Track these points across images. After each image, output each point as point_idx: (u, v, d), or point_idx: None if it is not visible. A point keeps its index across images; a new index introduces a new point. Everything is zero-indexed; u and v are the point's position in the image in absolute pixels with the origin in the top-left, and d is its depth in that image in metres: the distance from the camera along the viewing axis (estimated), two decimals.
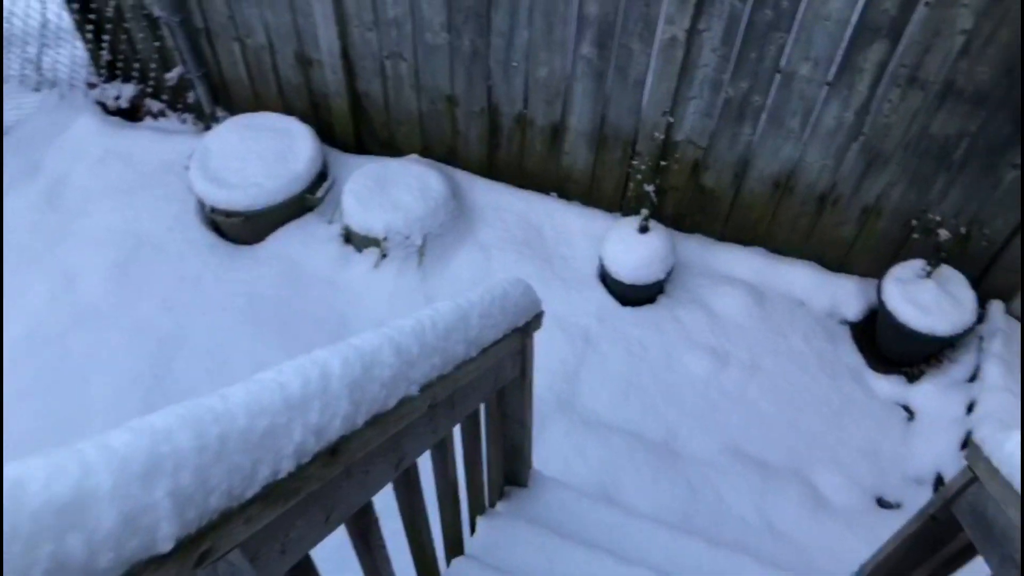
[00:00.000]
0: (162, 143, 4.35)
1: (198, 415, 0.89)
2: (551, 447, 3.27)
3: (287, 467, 1.01)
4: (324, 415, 1.08)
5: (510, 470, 2.76)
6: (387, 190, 3.80)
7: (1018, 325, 3.61)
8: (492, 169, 4.15)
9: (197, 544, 0.86)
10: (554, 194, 4.12)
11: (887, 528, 3.16)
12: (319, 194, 3.96)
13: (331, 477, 1.16)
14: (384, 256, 3.76)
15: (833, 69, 3.17)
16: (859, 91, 3.20)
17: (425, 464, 1.82)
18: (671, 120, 3.51)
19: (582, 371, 3.56)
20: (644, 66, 3.41)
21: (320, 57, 3.94)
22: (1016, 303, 3.60)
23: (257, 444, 0.94)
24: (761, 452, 3.40)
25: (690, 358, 3.64)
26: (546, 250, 3.93)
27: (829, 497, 3.29)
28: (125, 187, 4.17)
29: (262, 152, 3.88)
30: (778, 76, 3.27)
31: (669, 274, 3.71)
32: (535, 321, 2.17)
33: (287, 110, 4.26)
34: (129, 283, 3.79)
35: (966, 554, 2.07)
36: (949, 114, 3.15)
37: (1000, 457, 1.88)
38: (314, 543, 1.23)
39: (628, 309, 3.78)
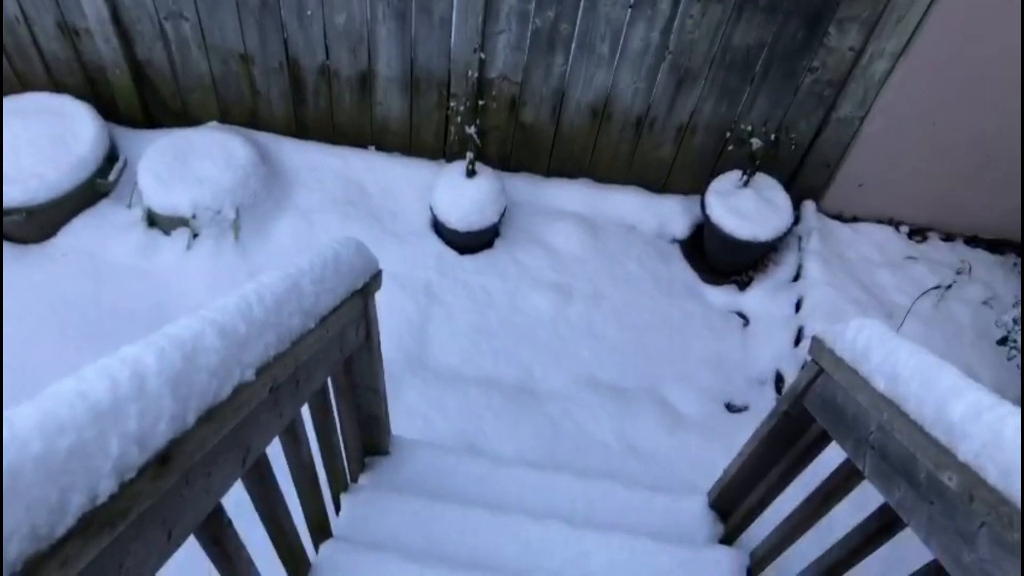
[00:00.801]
0: None
1: None
2: (408, 408, 3.16)
3: (107, 488, 0.83)
4: (145, 420, 0.91)
5: (369, 440, 2.63)
6: (188, 163, 3.47)
7: (830, 221, 3.83)
8: (301, 128, 3.89)
9: None
10: (372, 147, 3.93)
11: (739, 431, 3.31)
12: (111, 177, 3.56)
13: (166, 489, 0.99)
14: (196, 235, 3.45)
15: None
16: (662, 10, 3.22)
17: (274, 449, 1.67)
18: (483, 57, 3.41)
19: (429, 326, 3.45)
20: (448, 3, 3.27)
21: (88, 25, 3.51)
22: (828, 199, 3.82)
23: (62, 469, 0.77)
24: (614, 378, 3.44)
25: (535, 297, 3.61)
26: (372, 207, 3.75)
27: (682, 411, 3.39)
28: None
29: (35, 138, 3.42)
30: (583, 1, 3.23)
31: (502, 216, 3.65)
32: (374, 281, 2.03)
33: (58, 88, 3.78)
34: None
35: (819, 443, 2.16)
36: (747, 25, 3.23)
37: (842, 347, 1.95)
38: (158, 566, 1.06)
39: (467, 257, 3.69)
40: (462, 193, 3.52)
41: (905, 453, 1.57)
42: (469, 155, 3.50)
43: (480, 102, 3.53)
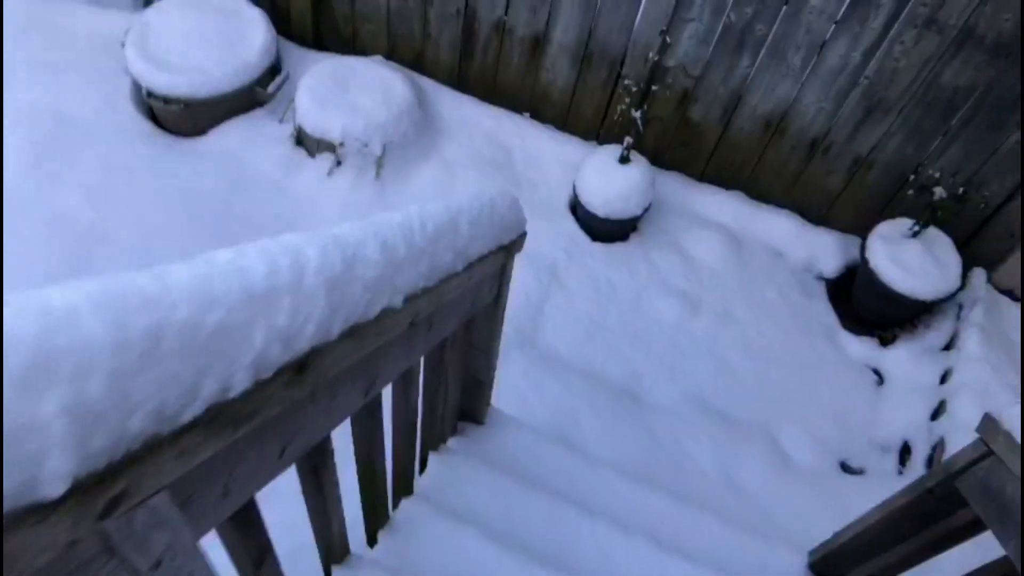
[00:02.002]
0: (95, 16, 3.85)
1: (120, 295, 0.59)
2: (508, 383, 3.02)
3: (242, 383, 0.72)
4: (296, 318, 0.79)
5: (467, 405, 2.51)
6: (347, 91, 3.43)
7: (1000, 296, 3.49)
8: (462, 80, 3.80)
9: (106, 486, 0.57)
10: (527, 114, 3.80)
11: (850, 494, 3.04)
12: (271, 89, 3.56)
13: (295, 400, 0.88)
14: (339, 163, 3.41)
15: (847, 2, 2.92)
16: (872, 29, 2.96)
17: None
18: (668, 41, 3.22)
19: (546, 307, 3.31)
20: None
21: None
22: (1002, 272, 3.48)
23: (204, 347, 0.65)
24: (727, 405, 3.22)
25: (660, 302, 3.42)
26: (515, 173, 3.63)
27: (793, 457, 3.14)
28: (51, 62, 3.68)
29: (209, 35, 3.45)
30: (786, 5, 3.01)
31: (646, 211, 3.47)
32: (519, 241, 1.90)
33: None
34: (48, 169, 3.36)
35: (968, 531, 1.91)
36: (963, 64, 2.94)
37: (1017, 432, 1.71)
38: (264, 483, 0.95)
39: (599, 245, 3.52)
40: (611, 178, 3.35)
41: None
42: (628, 140, 3.33)
43: (653, 87, 3.34)
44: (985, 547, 1.82)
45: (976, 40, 2.86)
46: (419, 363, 1.65)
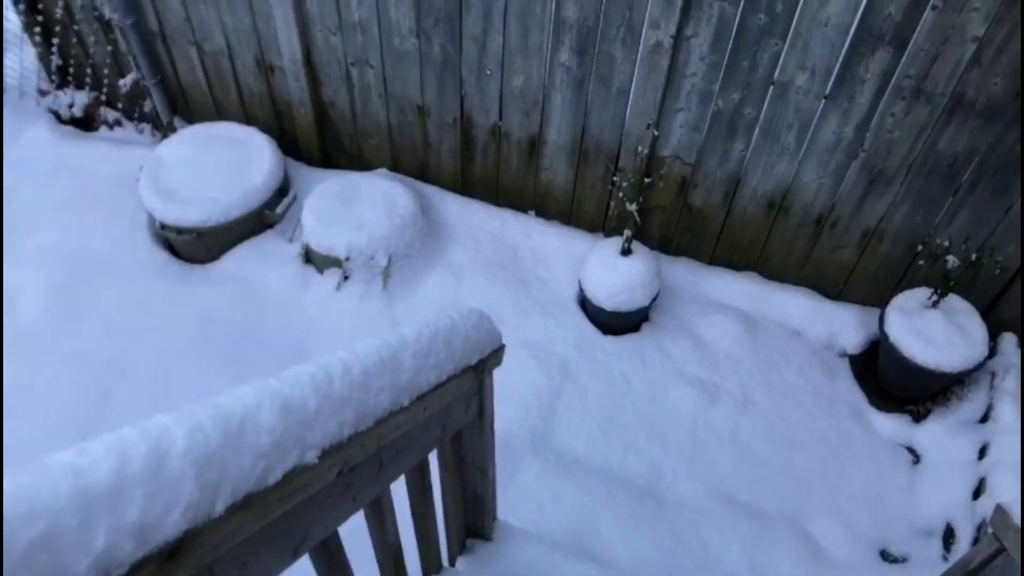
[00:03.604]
0: (116, 155, 4.06)
1: None
2: (523, 489, 2.97)
3: None
4: (152, 508, 0.79)
5: (472, 521, 2.46)
6: (351, 206, 3.52)
7: None
8: (466, 184, 3.87)
9: None
10: (532, 212, 3.84)
11: None
12: (279, 210, 3.67)
13: None
14: (346, 278, 3.47)
15: (832, 80, 2.91)
16: (860, 104, 2.94)
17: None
18: (656, 133, 3.24)
19: (559, 405, 3.27)
20: (627, 75, 3.15)
21: (282, 64, 3.67)
22: None
23: (19, 564, 0.65)
24: (753, 497, 3.10)
25: (676, 392, 3.34)
26: (522, 272, 3.64)
27: (828, 549, 2.99)
28: (74, 202, 3.88)
29: (218, 164, 3.59)
30: (772, 87, 3.01)
31: (654, 300, 3.43)
32: (493, 357, 1.88)
33: (249, 120, 3.98)
34: (71, 306, 3.49)
35: None
36: (958, 130, 2.88)
37: None
38: None
39: (610, 338, 3.49)
40: (614, 271, 3.34)
41: None
42: (627, 232, 3.33)
43: (646, 179, 3.35)
44: None
45: (967, 106, 2.81)
46: (384, 496, 1.62)
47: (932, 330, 3.17)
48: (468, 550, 2.47)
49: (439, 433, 1.75)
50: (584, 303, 3.53)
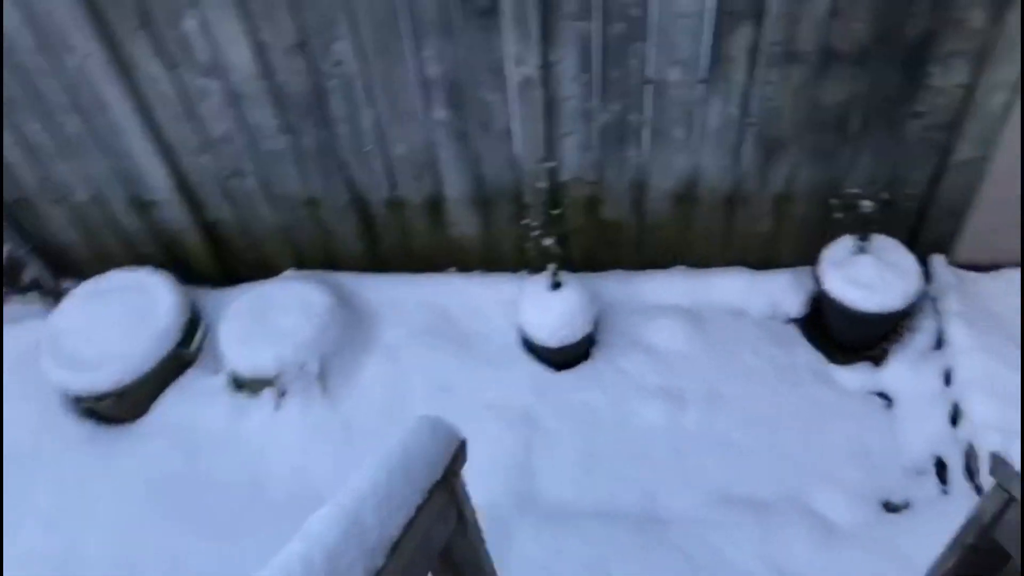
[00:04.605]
0: (9, 334, 3.81)
1: None
2: (524, 558, 2.86)
3: None
4: None
5: None
6: (267, 320, 3.37)
7: (966, 274, 3.38)
8: (378, 261, 3.76)
9: None
10: (452, 270, 3.75)
11: (905, 535, 2.86)
12: (194, 346, 3.50)
13: None
14: (283, 394, 3.32)
15: (704, 66, 2.91)
16: (737, 81, 2.95)
17: None
18: (551, 163, 3.20)
19: (534, 458, 3.17)
20: (506, 115, 3.10)
21: (156, 197, 3.51)
22: (959, 250, 3.38)
23: None
24: (749, 490, 3.06)
25: (644, 408, 3.29)
26: (459, 333, 3.55)
27: (834, 519, 2.96)
28: None
29: (118, 317, 3.40)
30: (649, 87, 3.00)
31: (596, 324, 3.38)
32: (458, 459, 1.78)
33: (139, 261, 3.77)
34: (5, 510, 3.25)
35: None
36: (835, 81, 2.92)
37: None
38: None
39: (564, 373, 3.42)
40: (548, 307, 3.28)
41: None
42: (551, 267, 3.27)
43: (554, 211, 3.30)
44: None
45: (838, 56, 2.84)
46: None
47: (867, 275, 3.19)
48: None
49: (425, 562, 1.64)
50: (529, 346, 3.46)
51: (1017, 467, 1.65)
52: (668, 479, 3.10)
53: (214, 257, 3.76)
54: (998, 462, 1.72)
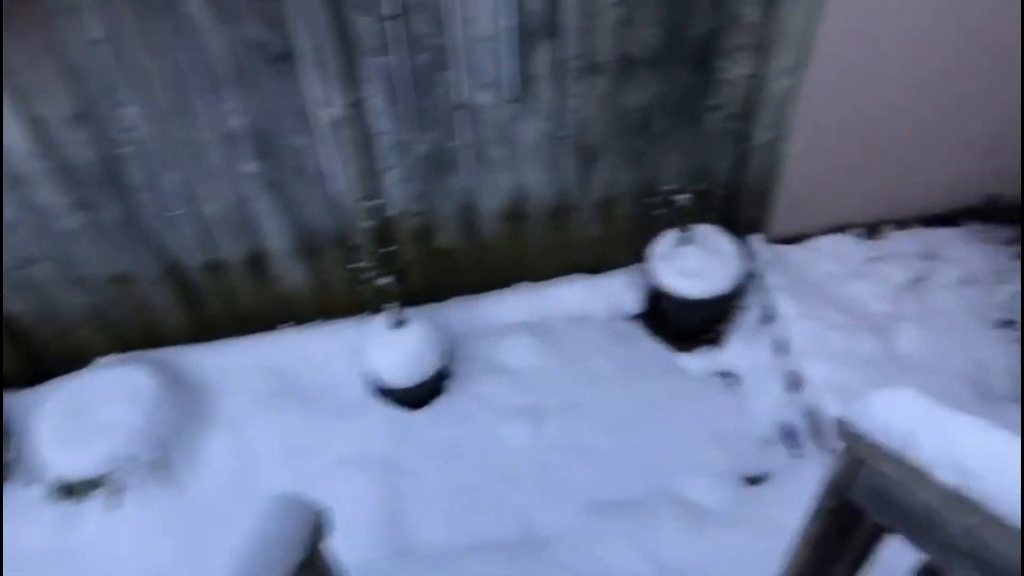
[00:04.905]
0: None
1: None
2: None
3: None
4: None
5: None
6: (89, 413, 3.06)
7: (782, 248, 3.60)
8: (205, 329, 3.51)
9: None
10: (287, 325, 3.57)
11: (768, 504, 2.98)
12: (7, 457, 3.12)
13: None
14: (120, 491, 3.02)
15: (511, 86, 2.93)
16: (545, 97, 2.99)
17: None
18: (376, 201, 3.11)
19: (403, 504, 3.06)
20: (320, 158, 2.98)
21: None
22: (773, 228, 3.60)
23: None
24: (620, 492, 3.09)
25: (507, 430, 3.26)
26: (304, 390, 3.38)
27: (702, 502, 3.05)
28: None
29: None
30: (462, 113, 2.98)
31: (447, 355, 3.32)
32: (318, 534, 1.66)
33: None
34: None
35: (880, 535, 1.85)
36: (636, 86, 3.02)
37: (876, 429, 1.66)
38: None
39: (421, 412, 3.33)
40: (395, 347, 3.18)
41: (1016, 566, 1.26)
42: (391, 306, 3.18)
43: (383, 249, 3.22)
44: None
45: (635, 62, 2.94)
46: None
47: (693, 264, 3.32)
48: None
49: None
50: (381, 391, 3.34)
51: (858, 428, 1.74)
52: (541, 498, 3.08)
53: (17, 355, 3.37)
54: (842, 425, 1.81)
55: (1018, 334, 2.93)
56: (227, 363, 3.42)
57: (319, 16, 2.57)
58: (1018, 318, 2.89)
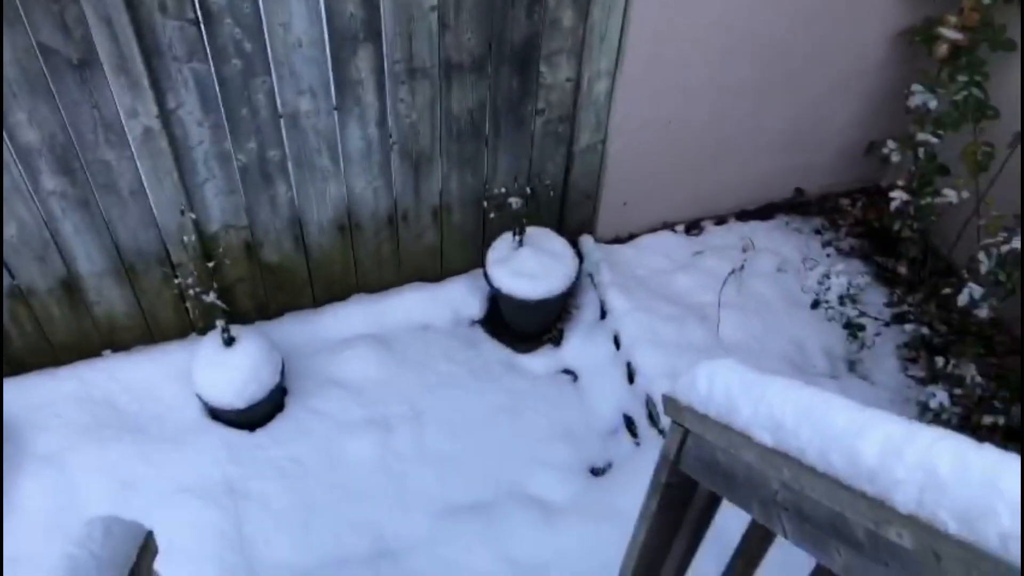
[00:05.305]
0: None
1: None
2: None
3: None
4: None
5: None
6: None
7: (611, 247, 3.73)
8: (15, 364, 3.22)
9: None
10: (107, 352, 3.34)
11: (613, 493, 3.06)
12: None
13: None
14: None
15: (333, 92, 2.89)
16: (369, 103, 2.96)
17: None
18: (193, 217, 2.97)
19: (246, 529, 2.92)
20: (132, 172, 2.82)
21: None
22: (600, 228, 3.72)
23: None
24: (471, 496, 3.09)
25: (352, 444, 3.18)
26: (130, 420, 3.17)
27: (551, 498, 3.09)
28: None
29: None
30: (282, 121, 2.91)
31: (283, 372, 3.20)
32: (145, 556, 1.55)
33: None
34: None
35: (713, 503, 1.93)
36: (461, 90, 3.05)
37: (700, 401, 1.73)
38: None
39: (260, 432, 3.20)
40: (227, 366, 3.04)
41: (829, 511, 1.33)
42: (220, 323, 3.04)
43: (209, 264, 3.08)
44: None
45: (457, 67, 2.97)
46: None
47: (528, 266, 3.38)
48: None
49: None
50: (215, 413, 3.19)
51: (683, 402, 1.81)
52: (392, 509, 3.03)
53: None
54: (667, 400, 1.89)
55: (829, 311, 3.16)
56: (42, 397, 3.16)
57: (121, 19, 2.43)
58: (828, 298, 3.12)
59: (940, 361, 3.02)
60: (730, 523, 1.87)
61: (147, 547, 1.58)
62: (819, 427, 1.32)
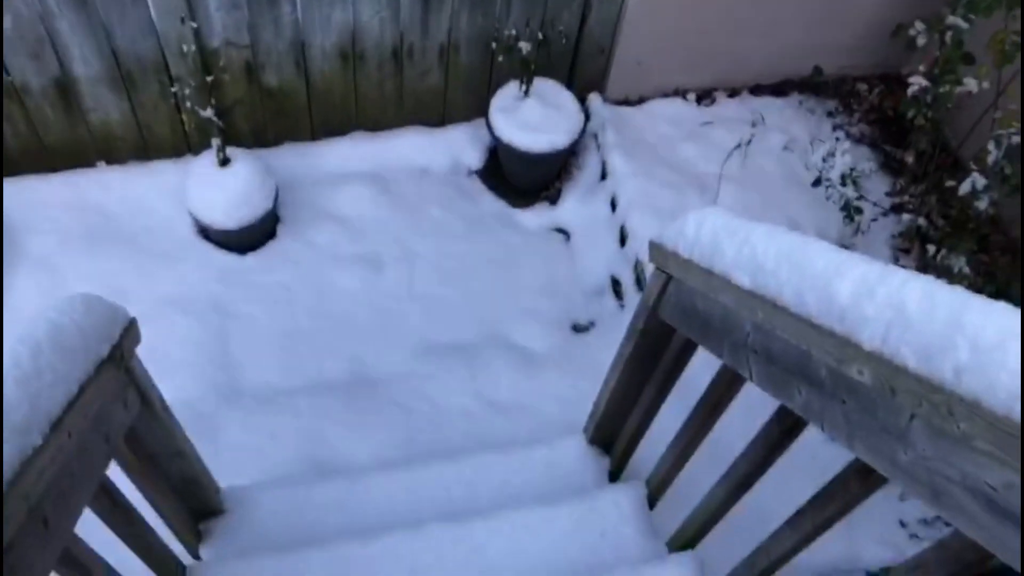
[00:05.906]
0: None
1: None
2: (236, 445, 2.72)
3: None
4: None
5: (196, 504, 2.21)
6: None
7: (620, 108, 3.65)
8: (9, 164, 3.20)
9: None
10: (101, 163, 3.31)
11: (593, 350, 3.12)
12: None
13: None
14: None
15: None
16: None
17: None
18: (194, 25, 2.88)
19: (231, 347, 2.99)
20: None
21: None
22: (610, 86, 3.63)
23: None
24: (453, 337, 3.15)
25: (341, 277, 3.22)
26: (123, 231, 3.18)
27: (532, 348, 3.16)
28: None
29: None
30: None
31: (276, 199, 3.19)
32: (128, 336, 1.59)
33: None
34: None
35: (686, 351, 1.97)
36: None
37: (686, 246, 1.74)
38: None
39: (251, 255, 3.22)
40: (221, 187, 3.03)
41: (796, 351, 1.36)
42: (215, 142, 3.00)
43: (208, 78, 3.01)
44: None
45: None
46: (77, 545, 1.34)
47: (533, 118, 3.31)
48: (206, 535, 2.23)
49: (105, 446, 1.46)
50: (207, 232, 3.20)
51: (669, 247, 1.82)
52: (374, 341, 3.09)
53: None
54: (653, 247, 1.89)
55: (828, 191, 3.13)
56: (34, 201, 3.16)
57: None
58: (831, 175, 3.08)
59: (932, 250, 3.01)
60: (698, 378, 1.91)
61: (130, 331, 1.61)
62: (799, 267, 1.32)
